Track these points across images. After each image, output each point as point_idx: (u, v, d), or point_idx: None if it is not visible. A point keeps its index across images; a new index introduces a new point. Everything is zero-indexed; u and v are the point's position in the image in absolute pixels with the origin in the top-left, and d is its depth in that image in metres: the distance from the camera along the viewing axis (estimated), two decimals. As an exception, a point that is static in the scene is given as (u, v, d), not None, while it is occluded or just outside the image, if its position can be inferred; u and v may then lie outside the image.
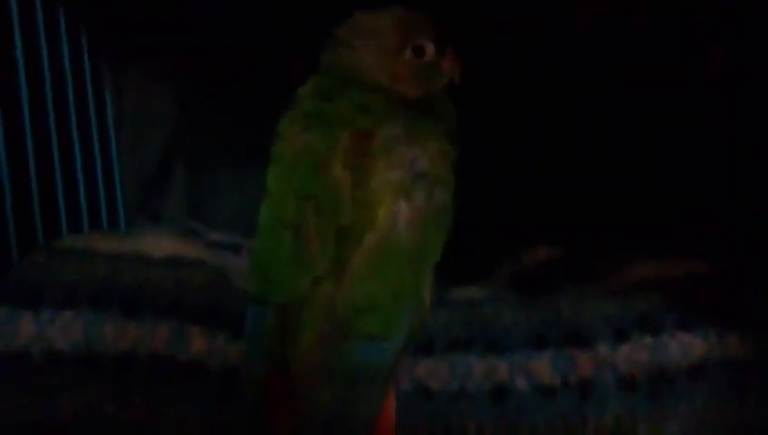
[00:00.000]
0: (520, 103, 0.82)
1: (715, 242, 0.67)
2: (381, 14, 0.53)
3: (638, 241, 0.73)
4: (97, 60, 0.88)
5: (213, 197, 0.94)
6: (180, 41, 0.89)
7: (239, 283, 0.62)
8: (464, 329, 0.57)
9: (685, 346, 0.55)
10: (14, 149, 0.73)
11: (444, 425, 0.54)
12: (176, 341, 0.57)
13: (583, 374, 0.55)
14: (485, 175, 0.72)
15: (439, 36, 0.53)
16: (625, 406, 0.54)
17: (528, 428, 0.53)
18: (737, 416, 0.54)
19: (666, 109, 0.78)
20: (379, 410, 0.46)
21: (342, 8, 0.54)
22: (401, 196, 0.46)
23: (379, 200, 0.45)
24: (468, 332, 0.57)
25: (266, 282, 0.46)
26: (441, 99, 0.54)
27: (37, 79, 0.78)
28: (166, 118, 0.93)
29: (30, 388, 0.56)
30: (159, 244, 0.67)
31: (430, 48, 0.52)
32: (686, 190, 0.77)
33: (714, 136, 0.74)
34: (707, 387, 0.54)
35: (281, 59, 0.77)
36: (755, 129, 0.68)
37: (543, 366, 0.55)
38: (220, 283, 0.63)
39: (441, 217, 0.49)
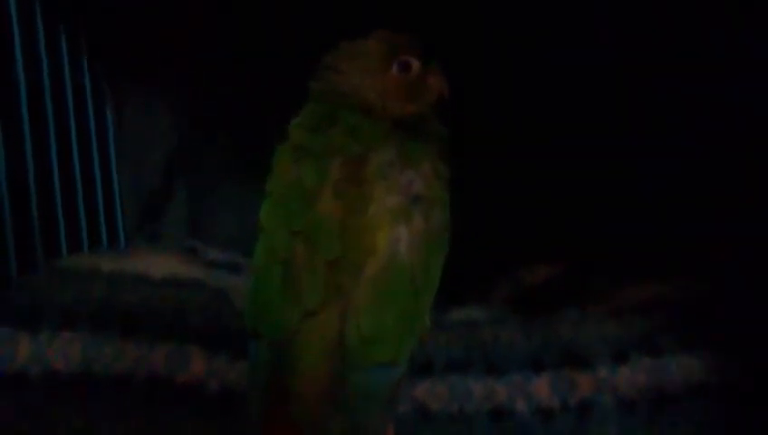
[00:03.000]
0: (517, 124, 0.82)
1: (713, 262, 0.67)
2: (365, 39, 0.53)
3: (638, 261, 0.73)
4: (98, 79, 0.88)
5: (214, 215, 0.94)
6: (181, 60, 0.89)
7: (239, 303, 0.62)
8: (463, 351, 0.57)
9: (684, 368, 0.55)
10: (14, 167, 0.73)
11: (443, 447, 0.54)
12: (175, 361, 0.57)
13: (582, 396, 0.55)
14: (485, 195, 0.73)
15: (423, 53, 0.54)
16: (624, 428, 0.53)
17: (527, 450, 0.53)
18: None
19: (662, 126, 0.79)
20: (385, 429, 0.46)
21: (340, 25, 0.54)
22: (400, 221, 0.46)
23: (378, 227, 0.45)
24: (467, 353, 0.57)
25: (259, 317, 0.46)
26: (431, 118, 0.54)
27: (38, 97, 0.78)
28: (166, 136, 0.93)
29: (28, 408, 0.56)
30: (159, 264, 0.67)
31: (415, 64, 0.53)
32: (685, 209, 0.77)
33: (712, 154, 0.74)
34: (707, 408, 0.54)
35: (281, 78, 0.78)
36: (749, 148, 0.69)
37: (542, 388, 0.55)
38: (219, 303, 0.63)
39: (439, 239, 0.49)
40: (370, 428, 0.44)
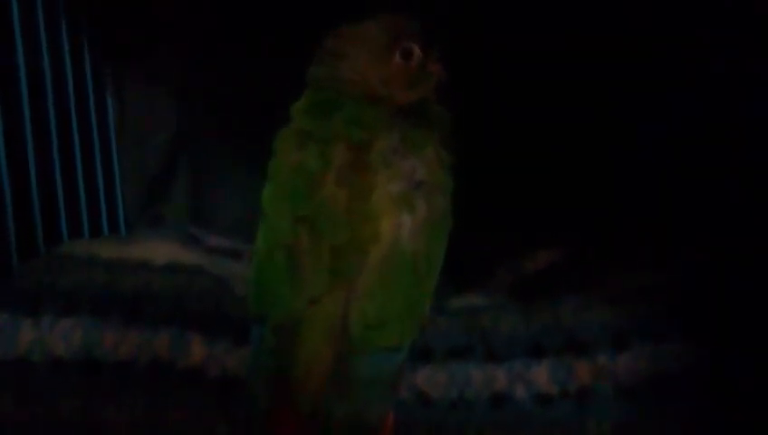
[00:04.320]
0: (519, 108, 0.82)
1: (714, 248, 0.67)
2: (367, 23, 0.53)
3: (639, 248, 0.73)
4: (98, 64, 0.88)
5: (215, 201, 0.94)
6: (182, 45, 0.89)
7: (239, 290, 0.63)
8: (463, 337, 0.58)
9: (684, 355, 0.55)
10: (15, 153, 0.73)
11: (442, 433, 0.54)
12: (176, 348, 0.57)
13: (582, 383, 0.55)
14: (485, 180, 0.72)
15: (424, 39, 0.53)
16: (624, 414, 0.54)
17: (527, 436, 0.53)
18: (736, 423, 0.54)
19: (663, 115, 0.78)
20: (387, 413, 0.47)
21: (340, 10, 0.54)
22: (403, 208, 0.46)
23: (381, 214, 0.45)
24: (467, 340, 0.57)
25: (263, 302, 0.46)
26: (433, 104, 0.54)
27: (38, 83, 0.78)
28: (167, 122, 0.93)
29: (30, 394, 0.56)
30: (160, 250, 0.67)
31: (417, 50, 0.53)
32: (686, 197, 0.76)
33: (713, 142, 0.74)
34: (706, 396, 0.54)
35: (283, 61, 0.77)
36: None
37: (542, 375, 0.55)
38: (220, 290, 0.63)
39: (442, 224, 0.49)
40: (372, 413, 0.45)
